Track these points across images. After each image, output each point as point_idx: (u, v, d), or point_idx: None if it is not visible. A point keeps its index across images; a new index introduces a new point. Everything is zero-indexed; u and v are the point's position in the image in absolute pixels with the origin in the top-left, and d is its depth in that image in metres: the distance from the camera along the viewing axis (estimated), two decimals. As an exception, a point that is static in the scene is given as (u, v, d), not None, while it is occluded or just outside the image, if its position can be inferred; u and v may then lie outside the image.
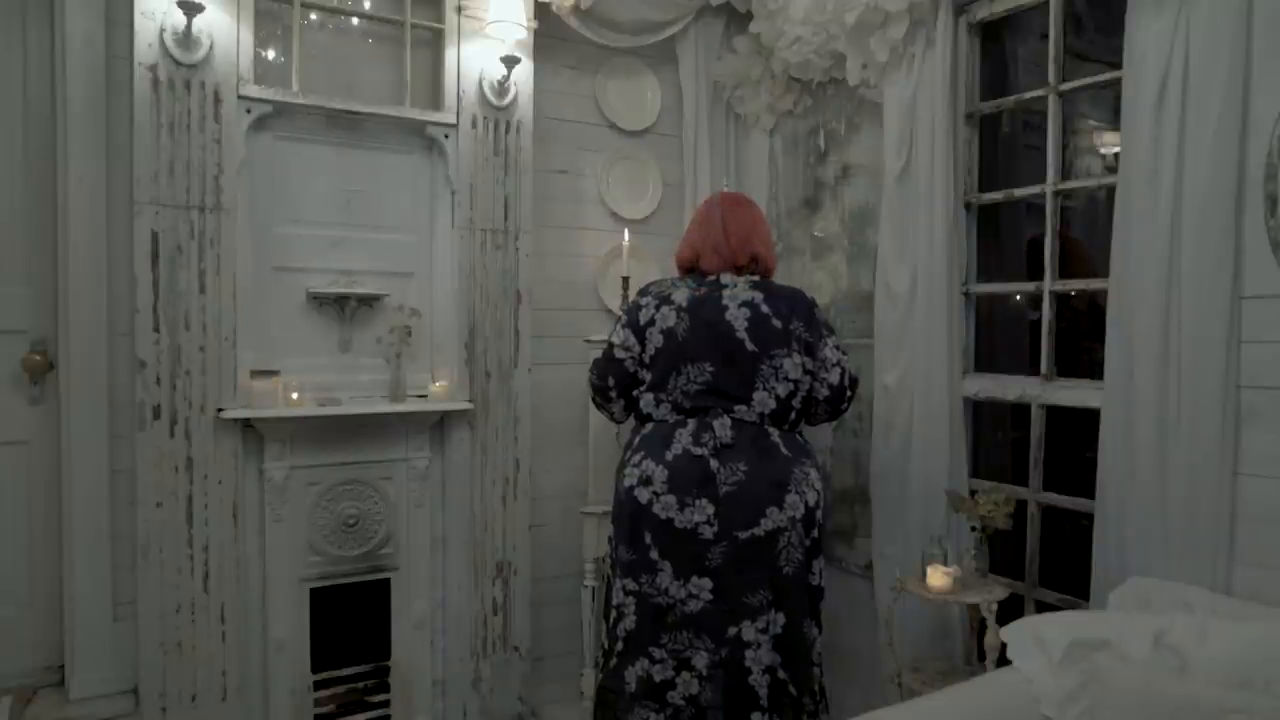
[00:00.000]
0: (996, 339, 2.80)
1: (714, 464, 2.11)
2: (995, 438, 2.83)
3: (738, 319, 2.20)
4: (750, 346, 2.18)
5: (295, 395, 2.61)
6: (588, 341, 2.91)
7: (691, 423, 2.17)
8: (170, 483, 2.47)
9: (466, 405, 2.87)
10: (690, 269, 2.40)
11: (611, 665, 2.22)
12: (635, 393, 2.30)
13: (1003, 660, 1.92)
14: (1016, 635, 1.84)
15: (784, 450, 2.18)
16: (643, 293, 2.35)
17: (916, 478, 2.60)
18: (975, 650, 2.45)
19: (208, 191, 2.49)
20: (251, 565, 2.61)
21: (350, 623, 2.77)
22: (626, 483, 2.19)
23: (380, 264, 2.83)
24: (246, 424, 2.56)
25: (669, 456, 2.13)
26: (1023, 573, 2.48)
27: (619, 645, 2.19)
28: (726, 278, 2.29)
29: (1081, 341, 2.70)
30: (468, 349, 2.91)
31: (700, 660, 2.11)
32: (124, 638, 2.49)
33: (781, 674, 2.14)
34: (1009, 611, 2.29)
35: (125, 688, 2.51)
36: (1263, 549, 1.83)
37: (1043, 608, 2.38)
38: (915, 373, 2.61)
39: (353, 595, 2.77)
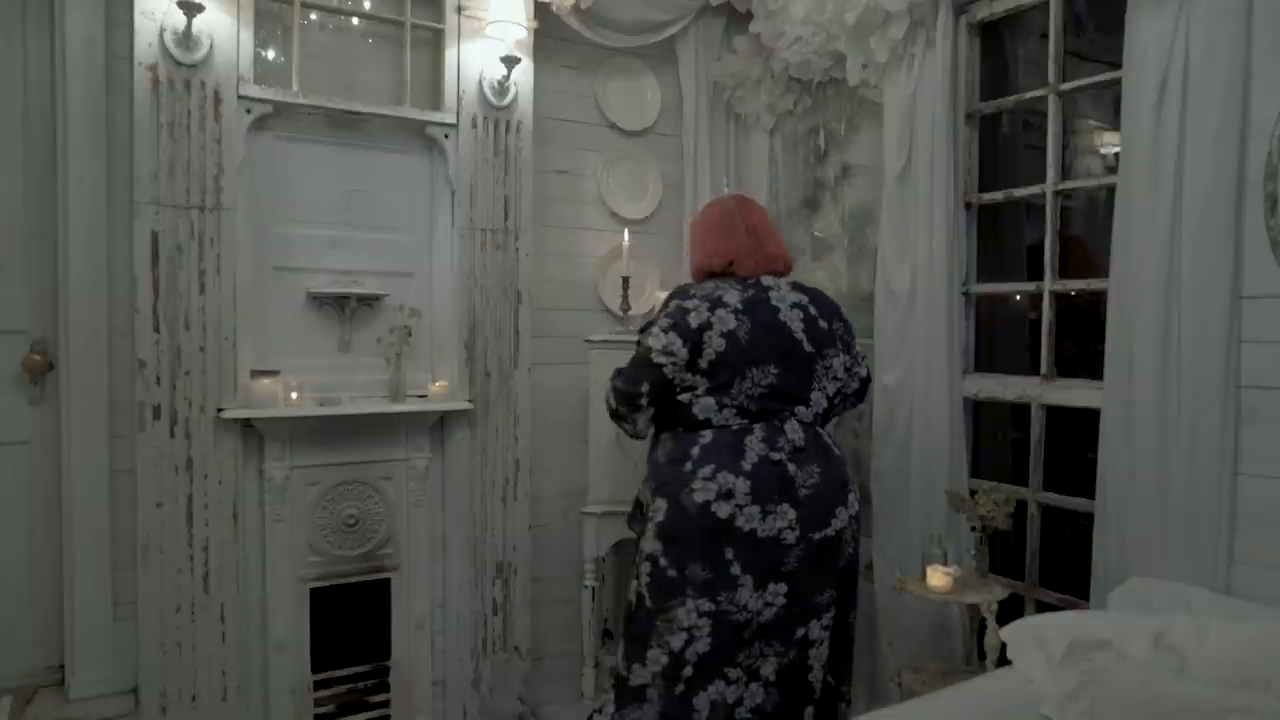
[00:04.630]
0: (996, 339, 2.80)
1: (791, 468, 2.06)
2: (995, 438, 2.83)
3: (792, 320, 2.16)
4: (808, 347, 2.15)
5: (295, 395, 2.61)
6: (588, 341, 2.91)
7: (758, 428, 2.09)
8: (170, 483, 2.47)
9: (466, 405, 2.87)
10: (717, 274, 2.28)
11: (678, 692, 2.05)
12: (689, 397, 2.13)
13: (1003, 660, 1.93)
14: (1016, 635, 1.84)
15: (835, 450, 2.19)
16: (683, 296, 2.18)
17: (916, 477, 2.61)
18: (975, 650, 2.45)
19: (208, 191, 2.49)
20: (251, 565, 2.61)
21: (350, 623, 2.77)
22: (699, 498, 2.04)
23: (380, 264, 2.83)
24: (246, 424, 2.56)
25: (747, 466, 2.05)
26: (1023, 573, 2.48)
27: (688, 670, 2.04)
28: (768, 280, 2.23)
29: (1090, 343, 2.69)
30: (468, 349, 2.91)
31: (768, 667, 2.07)
32: (124, 638, 2.49)
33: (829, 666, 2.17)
34: (1009, 611, 2.29)
35: (125, 688, 2.51)
36: (1263, 549, 1.83)
37: (1043, 608, 2.38)
38: (915, 373, 2.61)
39: (353, 595, 2.77)
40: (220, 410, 2.51)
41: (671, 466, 2.12)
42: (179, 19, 2.39)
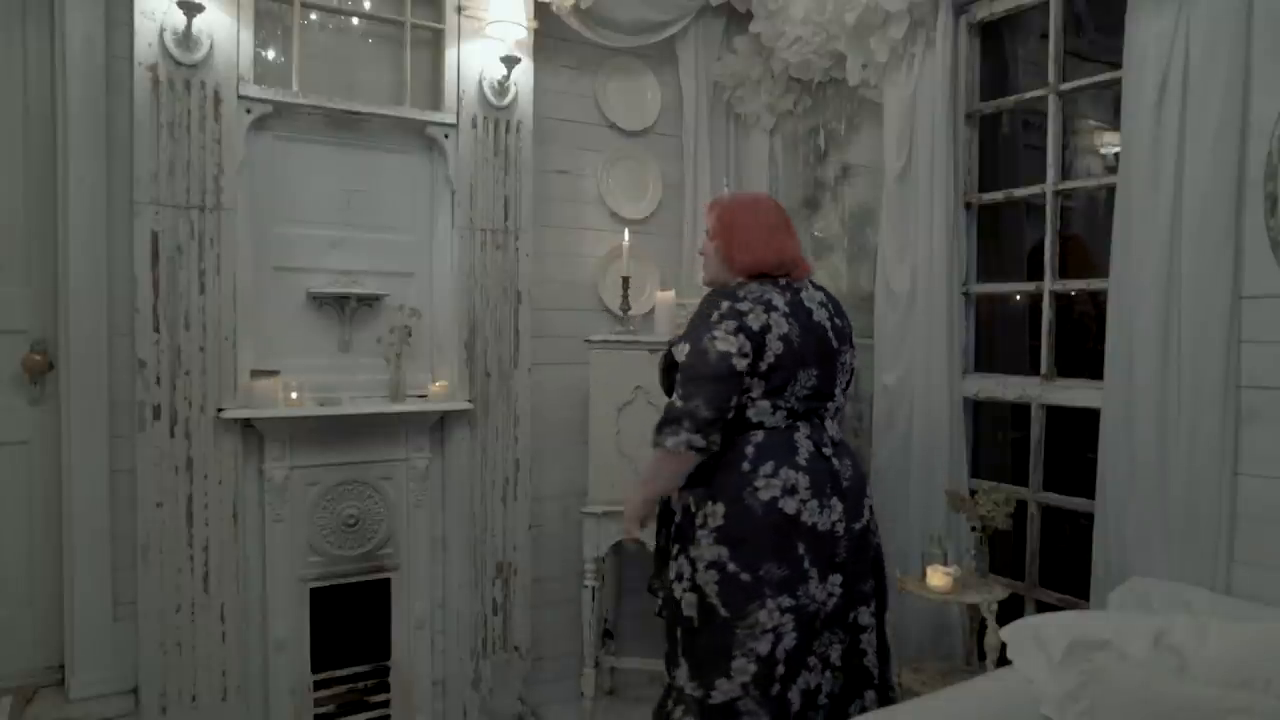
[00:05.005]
0: (996, 339, 2.80)
1: (835, 462, 2.10)
2: (995, 438, 2.83)
3: (823, 319, 2.16)
4: (835, 345, 2.17)
5: (295, 395, 2.61)
6: (588, 341, 2.91)
7: (803, 425, 2.10)
8: (170, 483, 2.47)
9: (466, 405, 2.87)
10: (759, 275, 2.17)
11: (774, 693, 2.02)
12: (744, 400, 2.04)
13: (1003, 660, 1.93)
14: (1016, 635, 1.84)
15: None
16: (732, 298, 2.06)
17: (916, 477, 2.61)
18: (975, 650, 2.45)
19: (208, 191, 2.49)
20: (251, 565, 2.61)
21: (350, 623, 2.77)
22: (765, 495, 2.00)
23: (380, 264, 2.83)
24: (246, 424, 2.56)
25: (802, 461, 2.05)
26: (1023, 573, 2.48)
27: (780, 669, 2.02)
28: (797, 282, 2.21)
29: (1089, 344, 2.70)
30: (468, 349, 2.91)
31: (835, 654, 2.11)
32: (124, 638, 2.49)
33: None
34: (1009, 611, 2.29)
35: (125, 688, 2.51)
36: (1263, 549, 1.83)
37: (1043, 608, 2.39)
38: (915, 373, 2.61)
39: (353, 595, 2.77)
40: (220, 410, 2.51)
41: (724, 469, 2.03)
42: (179, 19, 2.38)
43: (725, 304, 2.06)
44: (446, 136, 2.85)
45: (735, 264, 2.19)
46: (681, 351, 2.03)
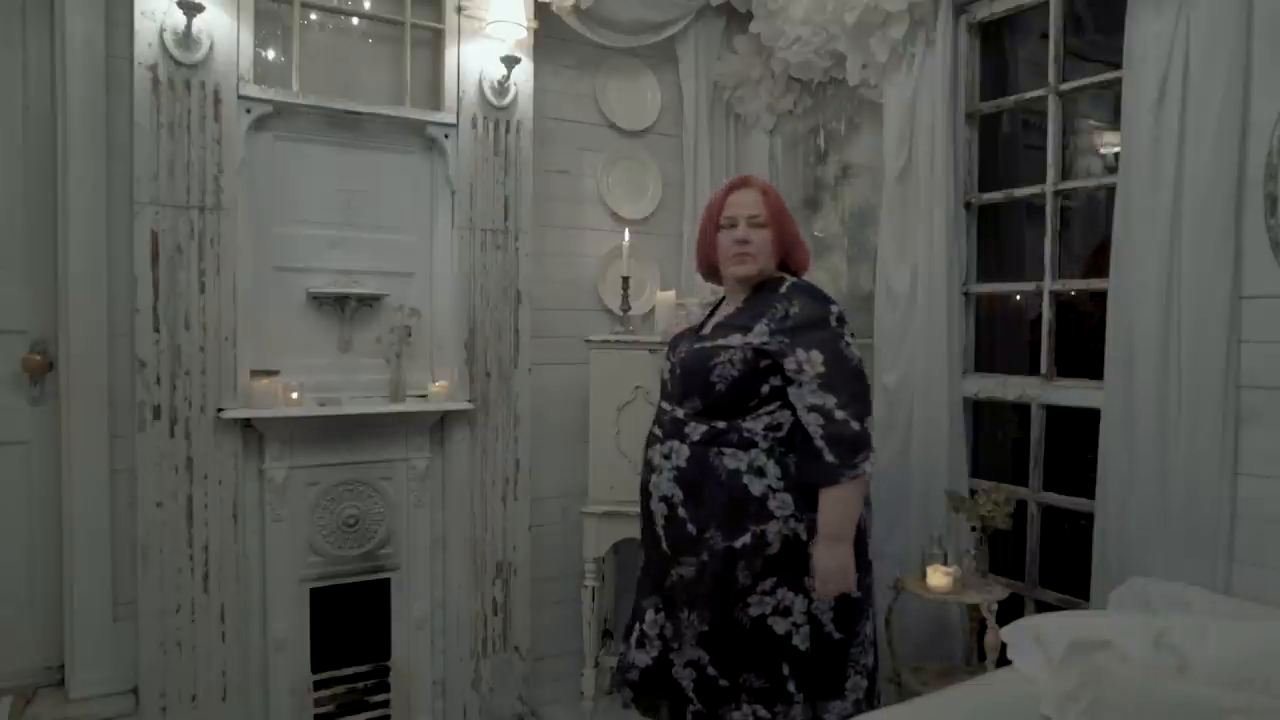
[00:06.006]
0: (997, 339, 2.80)
1: None
2: (995, 438, 2.84)
3: None
4: None
5: (295, 395, 2.61)
6: (588, 341, 2.91)
7: None
8: (170, 483, 2.47)
9: (466, 405, 2.87)
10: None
11: (863, 683, 2.08)
12: None
13: (1003, 660, 1.93)
14: (1016, 635, 1.84)
15: None
16: (828, 299, 2.04)
17: (916, 477, 2.61)
18: (975, 650, 2.45)
19: (208, 191, 2.49)
20: (251, 565, 2.61)
21: (350, 623, 2.77)
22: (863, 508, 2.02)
23: (380, 264, 2.83)
24: (246, 424, 2.56)
25: None
26: (1023, 573, 2.48)
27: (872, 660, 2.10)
28: None
29: (1093, 346, 2.70)
30: (468, 349, 2.90)
31: None
32: (124, 638, 2.49)
33: None
34: (1009, 611, 2.30)
35: (125, 688, 2.51)
36: (1263, 549, 1.83)
37: (1043, 608, 2.39)
38: (915, 373, 2.61)
39: (353, 595, 2.77)
40: (220, 410, 2.51)
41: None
42: (179, 19, 2.38)
43: (834, 307, 1.98)
44: (446, 136, 2.85)
45: (793, 258, 2.11)
46: (815, 360, 1.89)
